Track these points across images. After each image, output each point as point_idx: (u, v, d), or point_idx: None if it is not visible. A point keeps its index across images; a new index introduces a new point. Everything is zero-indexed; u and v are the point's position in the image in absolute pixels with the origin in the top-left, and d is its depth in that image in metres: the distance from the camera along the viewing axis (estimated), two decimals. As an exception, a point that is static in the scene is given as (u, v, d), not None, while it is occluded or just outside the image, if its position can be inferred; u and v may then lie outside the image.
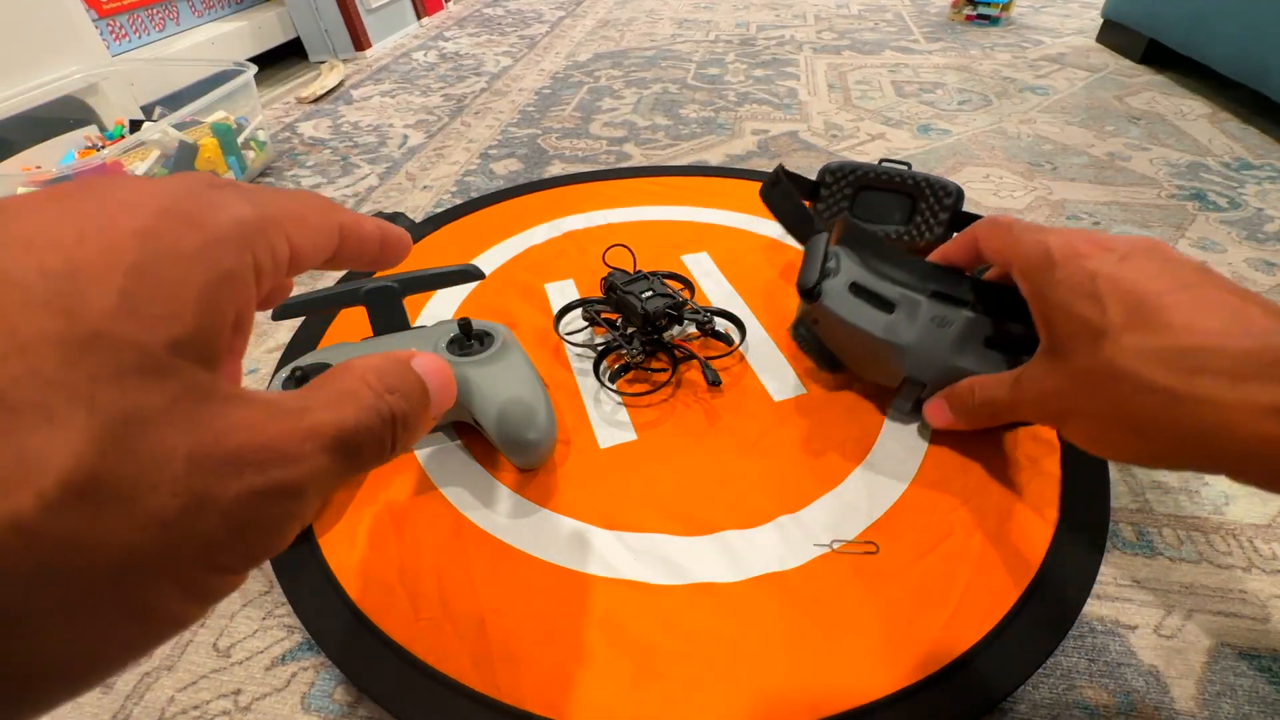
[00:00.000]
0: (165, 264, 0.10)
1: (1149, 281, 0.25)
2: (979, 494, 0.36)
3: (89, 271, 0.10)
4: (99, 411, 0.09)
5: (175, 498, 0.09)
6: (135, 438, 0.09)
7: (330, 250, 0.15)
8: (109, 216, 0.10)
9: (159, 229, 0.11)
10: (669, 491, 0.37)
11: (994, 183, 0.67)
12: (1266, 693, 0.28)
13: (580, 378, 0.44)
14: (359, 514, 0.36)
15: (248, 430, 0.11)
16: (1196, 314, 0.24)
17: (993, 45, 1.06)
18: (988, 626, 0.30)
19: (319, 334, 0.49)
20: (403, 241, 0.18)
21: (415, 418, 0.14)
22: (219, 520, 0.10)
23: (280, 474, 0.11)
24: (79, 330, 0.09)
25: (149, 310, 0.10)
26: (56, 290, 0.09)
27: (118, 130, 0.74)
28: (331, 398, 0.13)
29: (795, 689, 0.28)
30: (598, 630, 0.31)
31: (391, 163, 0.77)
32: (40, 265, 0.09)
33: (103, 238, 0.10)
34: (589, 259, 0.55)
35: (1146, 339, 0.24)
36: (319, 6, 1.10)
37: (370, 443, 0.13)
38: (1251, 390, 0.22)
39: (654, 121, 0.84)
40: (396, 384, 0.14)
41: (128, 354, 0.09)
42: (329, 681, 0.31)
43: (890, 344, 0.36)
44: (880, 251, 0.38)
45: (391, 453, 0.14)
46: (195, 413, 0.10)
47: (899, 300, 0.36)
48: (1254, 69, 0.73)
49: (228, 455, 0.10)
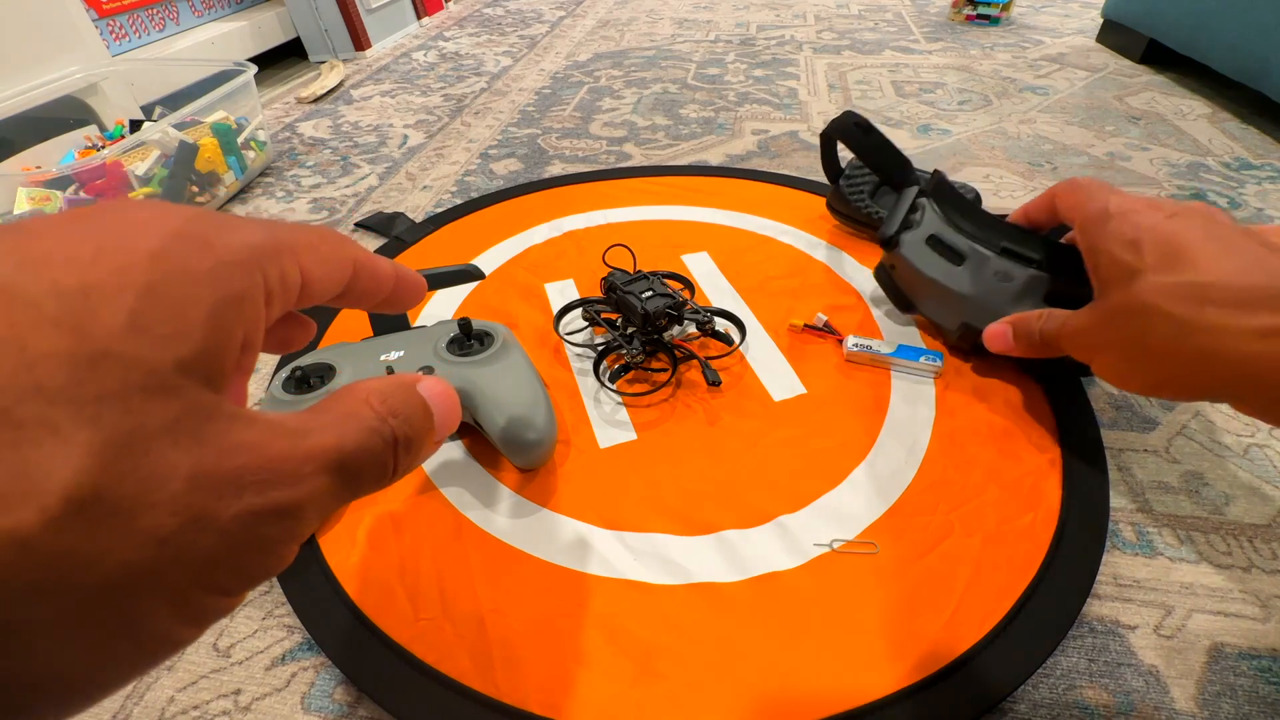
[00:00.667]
0: (176, 284, 0.11)
1: (1187, 233, 0.28)
2: (979, 494, 0.36)
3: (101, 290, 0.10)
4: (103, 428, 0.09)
5: (174, 516, 0.10)
6: (138, 455, 0.09)
7: (342, 283, 0.15)
8: (124, 237, 0.11)
9: (172, 250, 0.11)
10: (669, 491, 0.37)
11: (994, 183, 0.67)
12: (1266, 693, 0.28)
13: (580, 378, 0.44)
14: (359, 514, 0.36)
15: (249, 450, 0.11)
16: (1220, 257, 0.27)
17: (993, 45, 1.06)
18: (988, 626, 0.30)
19: (319, 334, 0.49)
20: (418, 285, 0.17)
21: (418, 441, 0.14)
22: (217, 539, 0.10)
23: (280, 494, 0.11)
24: (88, 348, 0.09)
25: (158, 330, 0.10)
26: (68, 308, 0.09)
27: (118, 130, 0.74)
28: (334, 420, 0.13)
29: (795, 689, 0.28)
30: (598, 630, 0.31)
31: (391, 163, 0.77)
32: (54, 284, 0.09)
33: (117, 258, 0.10)
34: (589, 259, 0.55)
35: (1171, 276, 0.27)
36: (319, 6, 1.10)
37: (371, 465, 0.13)
38: (1248, 317, 0.25)
39: (654, 121, 0.84)
40: (400, 407, 0.14)
41: (134, 373, 0.10)
42: (329, 681, 0.31)
43: (954, 292, 0.40)
44: (963, 208, 0.42)
45: (393, 476, 0.14)
46: (198, 432, 0.10)
47: (968, 253, 0.40)
48: (1254, 69, 0.73)
49: (228, 475, 0.10)
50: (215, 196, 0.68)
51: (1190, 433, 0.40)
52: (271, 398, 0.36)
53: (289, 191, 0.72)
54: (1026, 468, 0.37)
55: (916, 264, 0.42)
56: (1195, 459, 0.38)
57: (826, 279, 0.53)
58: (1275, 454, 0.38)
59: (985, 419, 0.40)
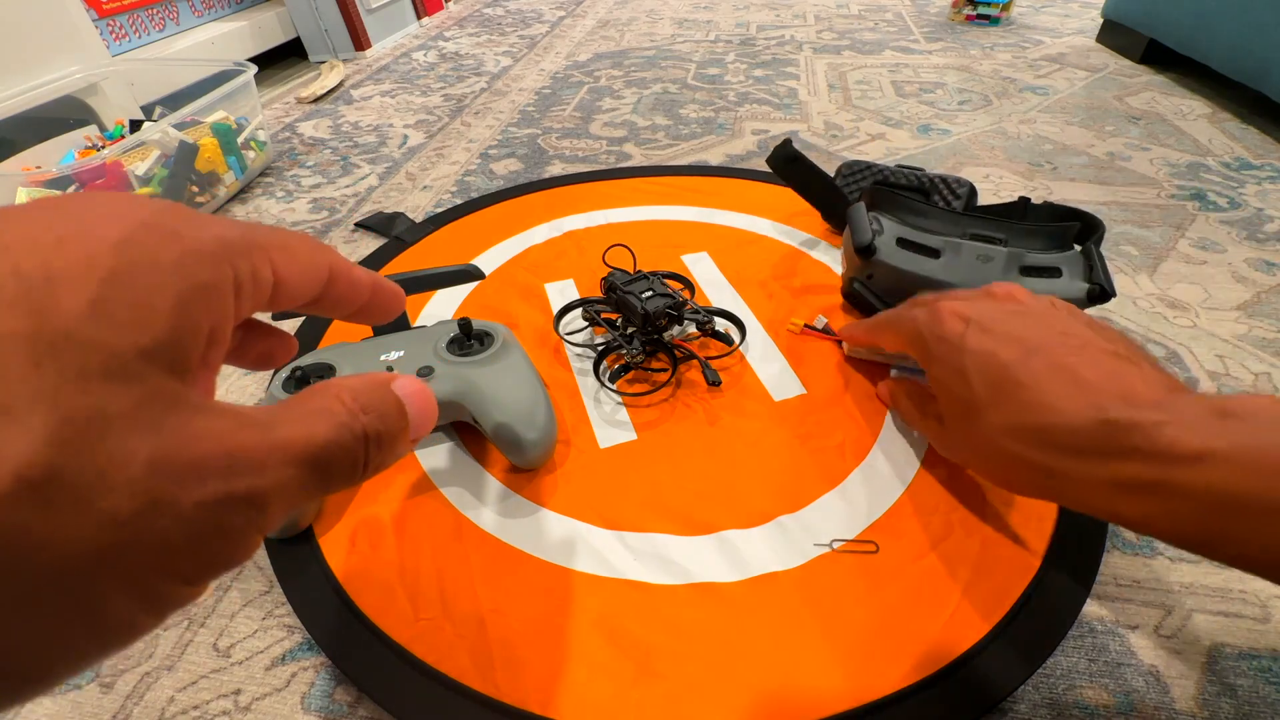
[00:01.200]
0: (141, 273, 0.11)
1: (1003, 350, 0.27)
2: (979, 494, 0.36)
3: (64, 276, 0.10)
4: (60, 410, 0.09)
5: (133, 499, 0.10)
6: (96, 438, 0.09)
7: (317, 287, 0.15)
8: (90, 226, 0.11)
9: (137, 239, 0.11)
10: (669, 491, 0.37)
11: (994, 183, 0.67)
12: (1266, 693, 0.28)
13: (580, 378, 0.44)
14: (359, 514, 0.36)
15: (214, 439, 0.11)
16: (1044, 386, 0.26)
17: (993, 45, 1.06)
18: (988, 626, 0.30)
19: (319, 334, 0.49)
20: (396, 296, 0.17)
21: (390, 439, 0.14)
22: (177, 525, 0.10)
23: (243, 483, 0.11)
24: (46, 330, 0.09)
25: (120, 316, 0.10)
26: (27, 291, 0.09)
27: (118, 130, 0.74)
28: (303, 413, 0.13)
29: (795, 689, 0.28)
30: (598, 630, 0.31)
31: (391, 163, 0.77)
32: (14, 267, 0.10)
33: (82, 246, 0.10)
34: (589, 259, 0.55)
35: (1009, 417, 0.27)
36: (319, 6, 1.10)
37: (341, 460, 0.13)
38: (1092, 466, 0.23)
39: (654, 121, 0.84)
40: (373, 404, 0.14)
41: (94, 356, 0.10)
42: (329, 681, 0.31)
43: (944, 283, 0.41)
44: (914, 209, 0.44)
45: (365, 472, 0.14)
46: (161, 418, 0.10)
47: (943, 247, 0.42)
48: (1254, 69, 0.73)
49: (191, 462, 0.10)
50: (215, 196, 0.68)
51: (1190, 433, 0.40)
52: (271, 398, 0.36)
53: (289, 191, 0.72)
54: (1026, 468, 0.37)
55: (898, 265, 0.42)
56: (1195, 459, 0.38)
57: (827, 278, 0.53)
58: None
59: (985, 419, 0.40)
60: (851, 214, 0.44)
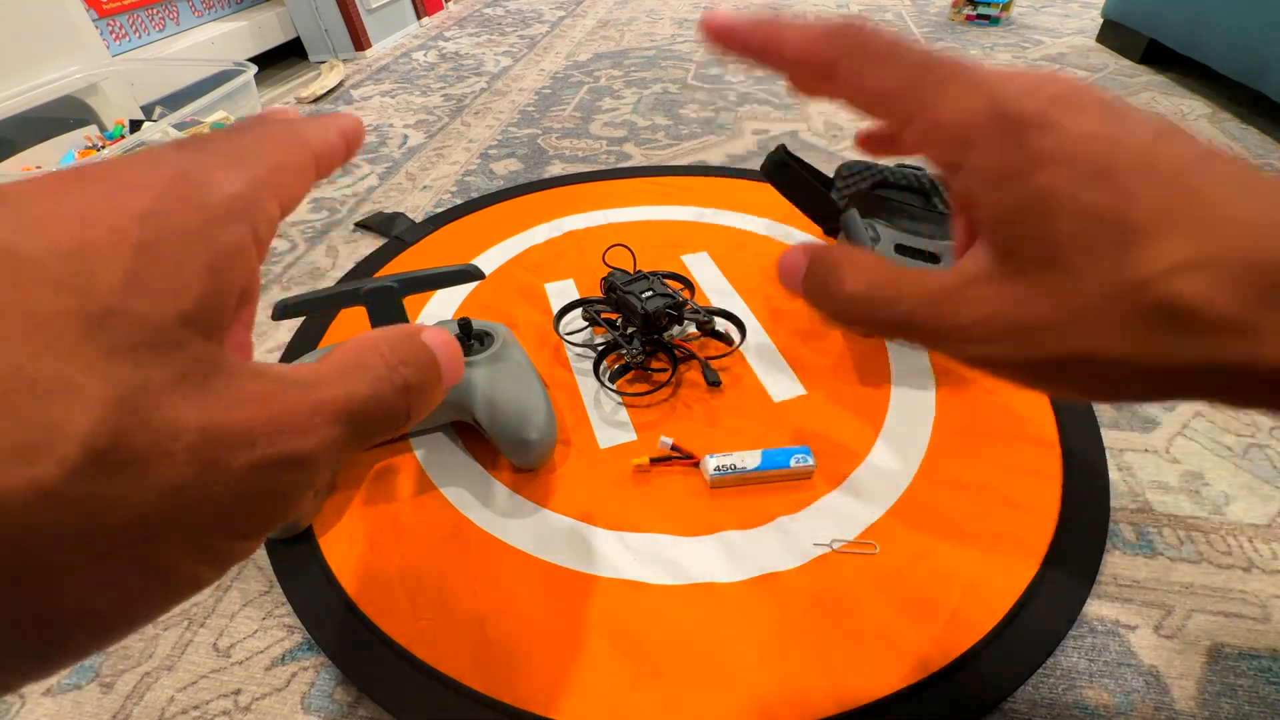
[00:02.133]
0: (169, 242, 0.11)
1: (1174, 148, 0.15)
2: (979, 494, 0.36)
3: (97, 251, 0.10)
4: (115, 383, 0.10)
5: (188, 465, 0.10)
6: (149, 408, 0.10)
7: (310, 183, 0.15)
8: (113, 199, 0.11)
9: (161, 209, 0.11)
10: (669, 492, 0.37)
11: (994, 183, 0.67)
12: (1266, 693, 0.28)
13: (580, 378, 0.44)
14: (359, 514, 0.36)
15: (258, 403, 0.11)
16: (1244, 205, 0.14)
17: (993, 45, 1.06)
18: (988, 626, 0.30)
19: (319, 334, 0.49)
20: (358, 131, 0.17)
21: (428, 389, 0.15)
22: (231, 488, 0.11)
23: (290, 445, 0.11)
24: (91, 307, 0.10)
25: (155, 286, 0.10)
26: (69, 269, 0.10)
27: (118, 130, 0.74)
28: (343, 370, 0.13)
29: (795, 689, 0.28)
30: (598, 630, 0.31)
31: (391, 163, 0.77)
32: (53, 246, 0.10)
33: (109, 219, 0.11)
34: (589, 259, 0.55)
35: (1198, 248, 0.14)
36: (319, 6, 1.09)
37: (383, 414, 0.14)
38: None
39: (654, 121, 0.84)
40: (409, 356, 0.14)
41: (137, 329, 0.10)
42: (329, 681, 0.31)
43: None
44: (910, 213, 0.44)
45: (406, 423, 0.14)
46: (206, 384, 0.11)
47: (942, 251, 0.41)
48: (1254, 69, 0.73)
49: (239, 426, 0.11)
50: (215, 196, 0.68)
51: (1190, 433, 0.40)
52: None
53: (289, 191, 0.72)
54: (1026, 468, 0.37)
55: None
56: (1195, 459, 0.38)
57: (826, 279, 0.53)
58: (1275, 454, 0.38)
59: (985, 420, 0.40)
60: (847, 222, 0.44)
